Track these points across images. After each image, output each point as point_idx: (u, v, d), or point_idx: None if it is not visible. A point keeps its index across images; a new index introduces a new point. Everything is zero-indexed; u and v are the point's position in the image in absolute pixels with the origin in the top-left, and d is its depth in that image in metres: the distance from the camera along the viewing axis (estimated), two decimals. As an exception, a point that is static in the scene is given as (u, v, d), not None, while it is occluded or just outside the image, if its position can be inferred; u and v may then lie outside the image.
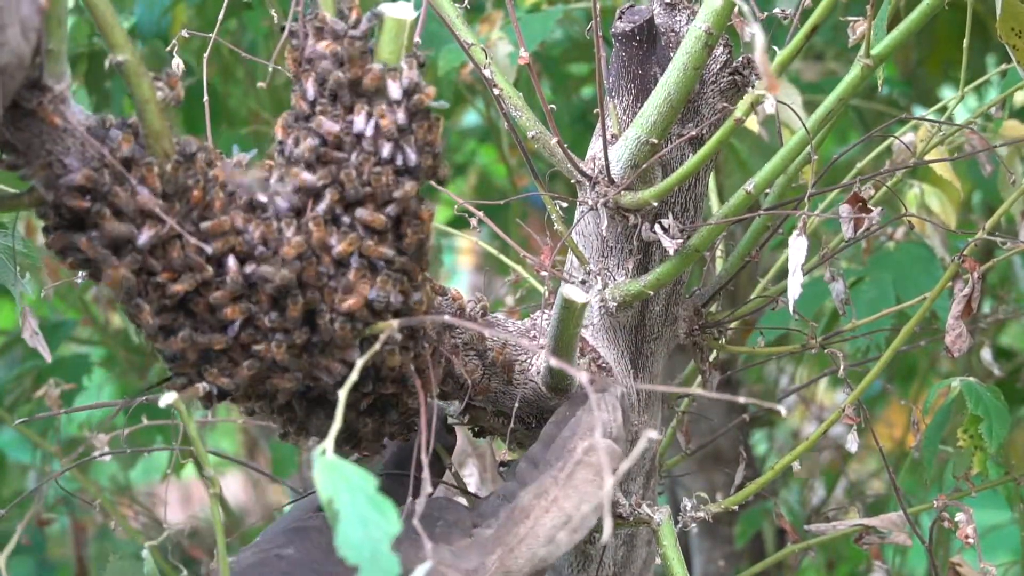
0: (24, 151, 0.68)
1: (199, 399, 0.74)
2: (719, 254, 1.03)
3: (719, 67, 0.89)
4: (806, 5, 0.89)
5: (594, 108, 0.89)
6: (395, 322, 0.72)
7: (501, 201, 1.08)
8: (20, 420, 1.02)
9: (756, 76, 0.90)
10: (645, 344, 0.92)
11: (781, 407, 0.64)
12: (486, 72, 0.89)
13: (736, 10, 0.91)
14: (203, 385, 0.73)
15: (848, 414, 0.97)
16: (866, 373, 0.99)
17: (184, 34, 0.92)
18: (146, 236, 0.69)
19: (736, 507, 0.99)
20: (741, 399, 0.62)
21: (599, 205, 0.87)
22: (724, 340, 0.99)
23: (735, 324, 0.99)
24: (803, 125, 0.83)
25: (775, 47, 0.83)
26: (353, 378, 0.67)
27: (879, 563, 1.15)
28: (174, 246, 0.69)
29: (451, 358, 0.81)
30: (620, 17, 0.88)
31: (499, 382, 0.85)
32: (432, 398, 0.77)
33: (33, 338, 0.92)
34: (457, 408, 0.87)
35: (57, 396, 1.39)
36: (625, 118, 0.88)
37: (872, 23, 0.83)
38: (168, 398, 0.66)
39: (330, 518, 0.60)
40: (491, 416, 0.88)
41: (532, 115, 0.91)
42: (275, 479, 1.34)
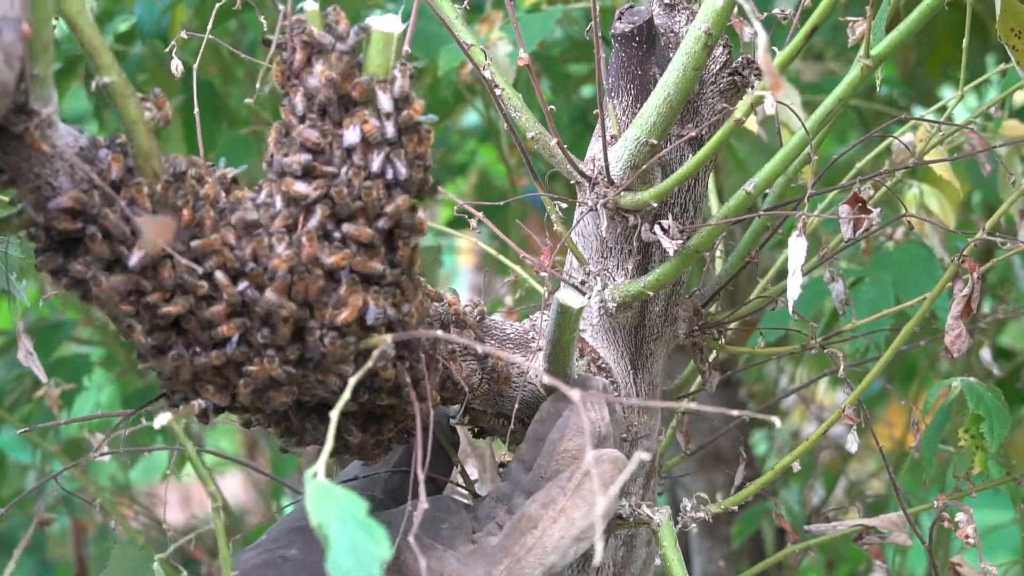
0: (13, 174, 0.67)
1: (195, 415, 0.74)
2: (719, 254, 1.03)
3: (719, 68, 0.89)
4: (806, 5, 0.89)
5: (594, 108, 0.89)
6: (388, 337, 0.72)
7: (501, 202, 1.07)
8: (22, 430, 1.02)
9: (756, 76, 0.90)
10: (645, 345, 0.92)
11: (775, 419, 0.64)
12: (486, 73, 0.89)
13: (736, 10, 0.91)
14: (199, 402, 0.73)
15: (848, 414, 0.97)
16: (866, 373, 0.99)
17: (183, 35, 0.91)
18: (137, 257, 0.69)
19: (736, 507, 0.99)
20: (735, 412, 0.62)
21: (599, 206, 0.87)
22: (724, 340, 0.99)
23: (735, 324, 0.99)
24: (803, 125, 0.83)
25: (775, 48, 0.83)
26: (345, 397, 0.67)
27: (879, 563, 1.15)
28: (165, 266, 0.69)
29: (448, 364, 0.80)
30: (619, 18, 0.88)
31: (496, 388, 0.85)
32: (429, 407, 0.77)
33: (28, 359, 0.92)
34: (457, 410, 0.87)
35: (57, 396, 1.39)
36: (624, 119, 0.88)
37: (871, 23, 0.83)
38: (163, 419, 0.66)
39: (322, 542, 0.60)
40: (491, 417, 0.88)
41: (532, 116, 0.90)
42: (275, 479, 1.34)
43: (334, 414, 0.66)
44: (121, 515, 1.60)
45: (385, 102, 0.71)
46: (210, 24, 0.90)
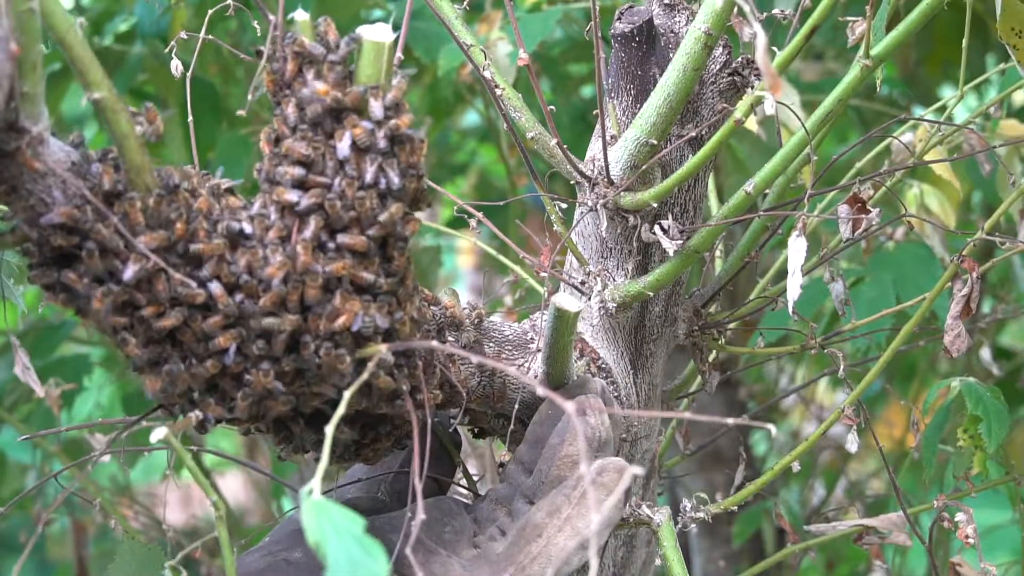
0: (6, 190, 0.67)
1: (192, 427, 0.74)
2: (718, 254, 1.03)
3: (718, 68, 0.89)
4: (805, 6, 0.89)
5: (593, 108, 0.89)
6: (383, 347, 0.71)
7: (501, 202, 1.07)
8: (23, 437, 1.02)
9: (756, 76, 0.89)
10: (645, 345, 0.92)
11: (771, 426, 0.64)
12: (486, 73, 0.89)
13: (735, 11, 0.91)
14: (195, 414, 0.73)
15: (848, 414, 0.97)
16: (866, 373, 0.99)
17: (183, 35, 0.91)
18: (131, 271, 0.69)
19: (736, 507, 0.99)
20: (730, 420, 0.62)
21: (598, 206, 0.87)
22: (724, 340, 0.99)
23: (735, 324, 0.99)
24: (802, 126, 0.83)
25: (775, 48, 0.83)
26: (340, 412, 0.67)
27: (879, 563, 1.15)
28: (159, 279, 0.69)
29: (445, 369, 0.80)
30: (619, 18, 0.88)
31: (492, 400, 0.85)
32: (427, 414, 0.77)
33: (24, 373, 0.92)
34: (458, 411, 0.87)
35: (57, 396, 1.39)
36: (624, 119, 0.88)
37: (871, 23, 0.83)
38: (159, 433, 0.66)
39: (320, 559, 0.60)
40: (491, 418, 0.88)
41: (531, 116, 0.90)
42: (275, 479, 1.34)
43: (329, 429, 0.66)
44: (121, 515, 1.60)
45: (376, 110, 0.71)
46: (204, 26, 0.90)
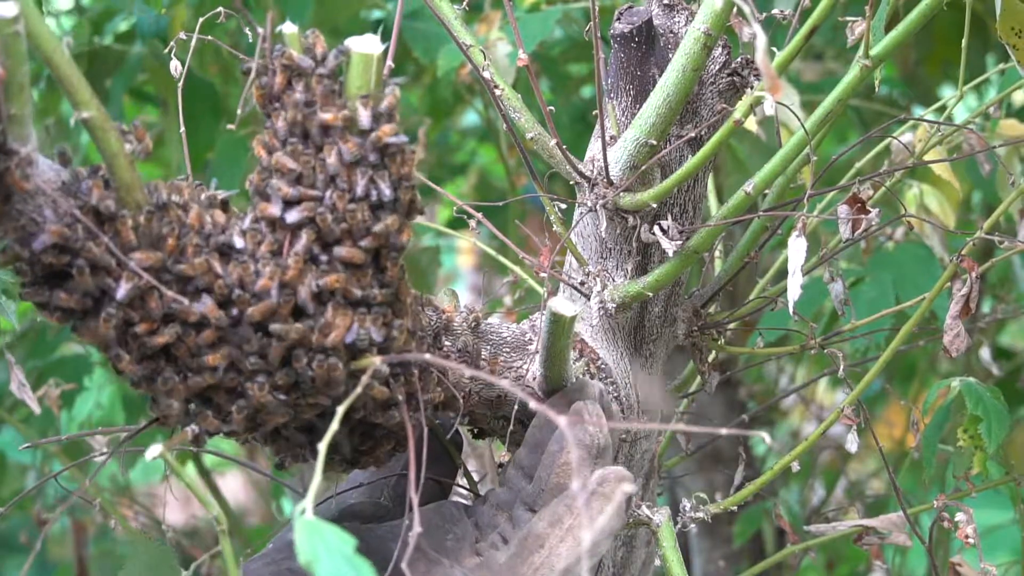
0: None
1: (189, 441, 0.74)
2: (718, 255, 1.03)
3: (718, 68, 0.89)
4: (805, 6, 0.89)
5: (593, 108, 0.89)
6: (378, 359, 0.71)
7: (500, 202, 1.07)
8: (24, 446, 1.02)
9: (755, 77, 0.89)
10: (644, 345, 0.92)
11: (765, 435, 0.64)
12: (485, 74, 0.89)
13: (735, 11, 0.91)
14: (191, 428, 0.73)
15: (847, 414, 0.97)
16: (866, 373, 0.99)
17: (183, 35, 0.91)
18: (124, 290, 0.68)
19: (736, 507, 0.99)
20: (723, 430, 0.62)
21: (598, 206, 0.87)
22: (723, 341, 0.99)
23: (734, 325, 0.99)
24: (802, 126, 0.83)
25: (774, 48, 0.83)
26: (334, 428, 0.67)
27: (879, 563, 1.15)
28: (152, 296, 0.69)
29: (443, 376, 0.80)
30: (619, 18, 0.88)
31: (492, 395, 0.85)
32: (423, 423, 0.77)
33: (20, 390, 0.92)
34: (457, 413, 0.87)
35: (57, 396, 1.39)
36: (624, 119, 0.88)
37: (871, 23, 0.83)
38: (154, 450, 0.67)
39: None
40: (491, 418, 0.88)
41: (531, 116, 0.90)
42: (275, 479, 1.34)
43: (323, 446, 0.66)
44: (121, 515, 1.61)
45: (365, 121, 0.71)
46: (197, 28, 0.90)
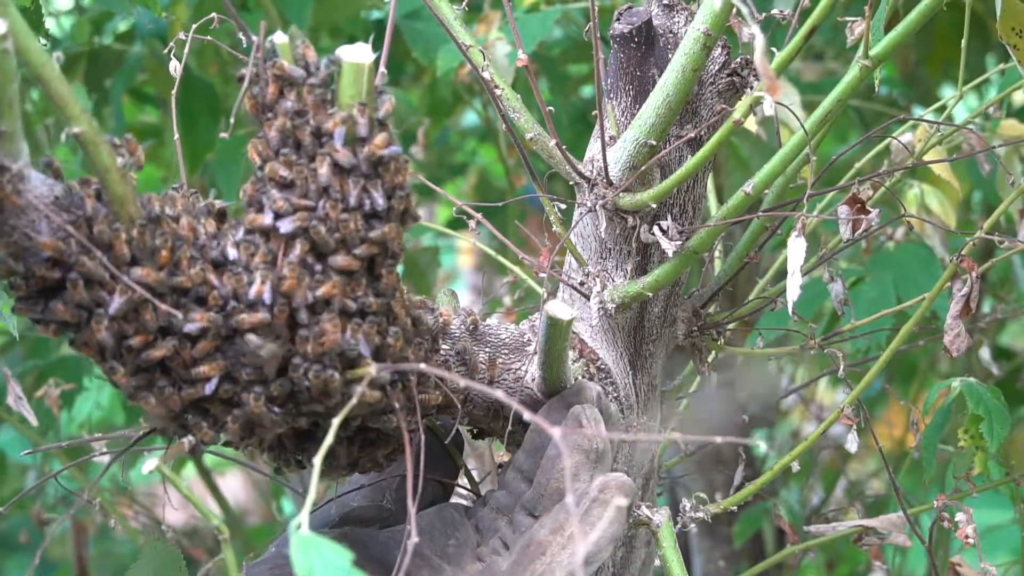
0: None
1: (186, 452, 0.74)
2: (717, 255, 1.03)
3: (717, 68, 0.89)
4: (804, 6, 0.89)
5: (593, 108, 0.89)
6: (373, 368, 0.71)
7: (500, 203, 1.07)
8: (26, 452, 1.02)
9: (754, 77, 0.89)
10: (644, 345, 0.92)
11: (761, 443, 0.64)
12: (484, 74, 0.89)
13: (734, 11, 0.91)
14: (188, 439, 0.73)
15: (847, 414, 0.97)
16: (866, 373, 0.99)
17: (181, 36, 0.91)
18: (117, 303, 0.69)
19: (736, 507, 0.99)
20: (718, 439, 0.62)
21: (597, 207, 0.87)
22: (723, 341, 0.99)
23: (734, 325, 0.99)
24: (802, 126, 0.83)
25: (774, 48, 0.83)
26: (329, 440, 0.67)
27: (879, 563, 1.15)
28: (146, 309, 0.69)
29: (440, 382, 0.80)
30: (618, 18, 0.88)
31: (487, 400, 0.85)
32: (420, 429, 0.77)
33: (17, 403, 0.92)
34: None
35: (57, 396, 1.39)
36: (623, 120, 0.88)
37: (870, 23, 0.82)
38: (151, 464, 0.67)
39: None
40: (490, 419, 0.88)
41: (530, 116, 0.90)
42: (275, 479, 1.34)
43: (317, 460, 0.66)
44: (121, 515, 1.61)
45: (363, 129, 0.71)
46: (192, 29, 0.90)
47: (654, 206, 0.86)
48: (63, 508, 1.70)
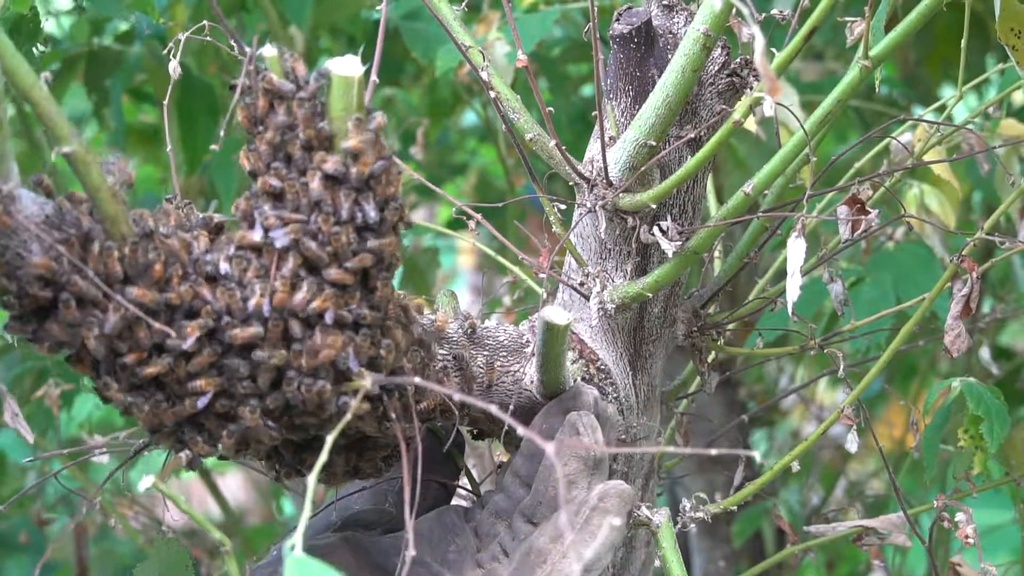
0: None
1: (183, 465, 0.74)
2: (717, 255, 1.03)
3: (717, 69, 0.89)
4: (804, 6, 0.89)
5: (593, 108, 0.89)
6: (368, 381, 0.71)
7: (499, 203, 1.07)
8: (28, 460, 1.02)
9: (754, 77, 0.89)
10: (644, 346, 0.92)
11: (756, 453, 0.65)
12: (483, 75, 0.89)
13: (734, 12, 0.91)
14: (185, 453, 0.73)
15: (847, 414, 0.97)
16: (866, 373, 0.99)
17: (180, 37, 0.91)
18: (111, 322, 0.69)
19: (736, 507, 0.99)
20: (713, 451, 0.62)
21: (597, 207, 0.87)
22: (723, 341, 0.99)
23: (734, 325, 0.99)
24: (801, 127, 0.83)
25: (773, 49, 0.83)
26: (323, 458, 0.67)
27: (879, 563, 1.15)
28: (140, 326, 0.69)
29: (436, 386, 0.80)
30: (618, 19, 0.88)
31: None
32: (417, 436, 0.77)
33: (14, 420, 0.92)
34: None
35: (57, 396, 1.39)
36: (623, 120, 0.88)
37: (870, 24, 0.82)
38: (147, 482, 0.67)
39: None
40: (490, 420, 0.88)
41: (530, 117, 0.90)
42: (276, 479, 1.33)
43: (311, 479, 0.66)
44: (121, 515, 1.60)
45: (352, 143, 0.71)
46: (187, 33, 0.90)
47: (654, 207, 0.86)
48: (63, 508, 1.70)
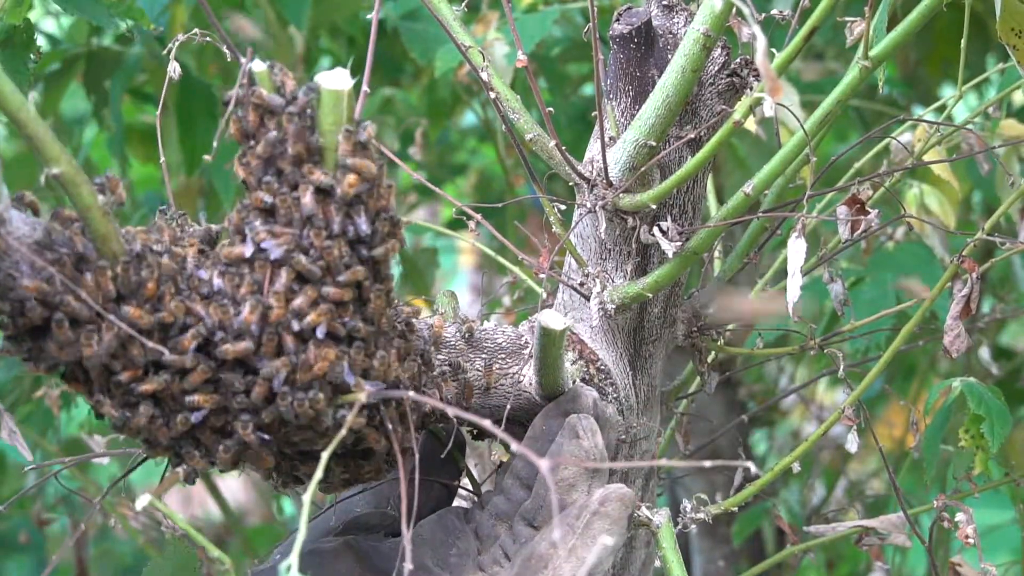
0: None
1: (181, 480, 0.74)
2: (717, 255, 1.03)
3: (717, 69, 0.89)
4: (804, 6, 0.89)
5: (593, 108, 0.89)
6: (363, 395, 0.71)
7: (499, 204, 1.07)
8: (30, 467, 1.02)
9: (754, 77, 0.89)
10: (644, 346, 0.92)
11: (751, 464, 0.65)
12: (484, 75, 0.89)
13: (734, 12, 0.91)
14: (182, 468, 0.73)
15: (848, 414, 0.97)
16: (866, 373, 0.99)
17: (180, 37, 0.91)
18: (106, 341, 0.69)
19: (736, 508, 0.99)
20: (707, 463, 0.62)
21: (597, 208, 0.87)
22: (722, 341, 0.99)
23: (734, 325, 0.99)
24: (801, 127, 0.83)
25: (774, 49, 0.83)
26: (318, 476, 0.67)
27: (879, 563, 1.15)
28: (134, 344, 0.69)
29: (435, 390, 0.80)
30: (618, 19, 0.88)
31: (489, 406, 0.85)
32: (414, 444, 0.77)
33: (12, 437, 0.92)
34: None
35: (56, 396, 1.38)
36: (623, 120, 0.88)
37: (870, 24, 0.82)
38: (144, 500, 0.67)
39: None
40: (491, 421, 0.88)
41: (530, 117, 0.90)
42: (275, 488, 1.33)
43: (307, 498, 0.66)
44: (121, 515, 1.60)
45: (343, 158, 0.71)
46: (182, 37, 0.90)
47: (654, 207, 0.86)
48: (63, 508, 1.70)
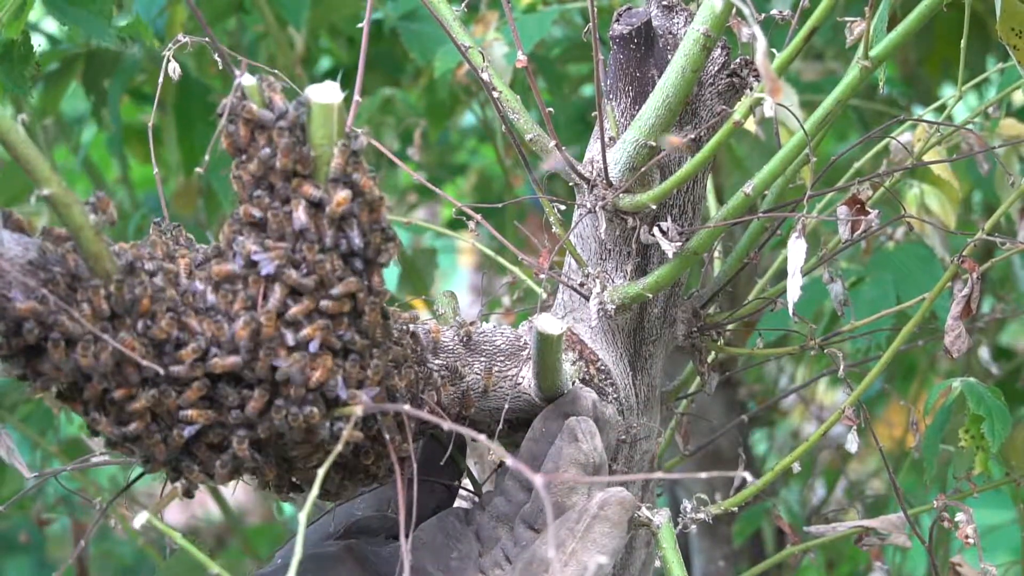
0: None
1: (180, 495, 0.74)
2: (717, 255, 1.03)
3: (717, 69, 0.89)
4: (804, 6, 0.89)
5: (592, 108, 0.89)
6: (359, 408, 0.71)
7: (499, 204, 1.07)
8: (32, 475, 1.02)
9: (754, 77, 0.89)
10: (644, 346, 0.92)
11: (747, 474, 0.65)
12: (484, 76, 0.89)
13: (734, 12, 0.91)
14: (181, 483, 0.74)
15: (848, 414, 0.97)
16: (866, 373, 0.99)
17: (181, 38, 0.91)
18: (102, 361, 0.69)
19: (736, 508, 0.99)
20: (703, 474, 0.62)
21: (597, 208, 0.87)
22: (723, 341, 0.99)
23: (734, 325, 0.99)
24: (801, 127, 0.83)
25: (774, 49, 0.83)
26: (315, 493, 0.68)
27: (879, 563, 1.15)
28: (128, 363, 0.69)
29: (433, 393, 0.80)
30: (618, 19, 0.88)
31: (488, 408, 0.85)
32: (412, 452, 0.77)
33: (10, 455, 0.92)
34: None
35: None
36: (623, 120, 0.88)
37: (870, 24, 0.82)
38: (142, 518, 0.67)
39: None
40: (490, 422, 0.88)
41: (530, 118, 0.90)
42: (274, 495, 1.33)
43: (302, 516, 0.66)
44: (121, 515, 1.60)
45: (336, 172, 0.71)
46: (177, 43, 0.90)
47: (654, 207, 0.86)
48: (63, 508, 1.70)
